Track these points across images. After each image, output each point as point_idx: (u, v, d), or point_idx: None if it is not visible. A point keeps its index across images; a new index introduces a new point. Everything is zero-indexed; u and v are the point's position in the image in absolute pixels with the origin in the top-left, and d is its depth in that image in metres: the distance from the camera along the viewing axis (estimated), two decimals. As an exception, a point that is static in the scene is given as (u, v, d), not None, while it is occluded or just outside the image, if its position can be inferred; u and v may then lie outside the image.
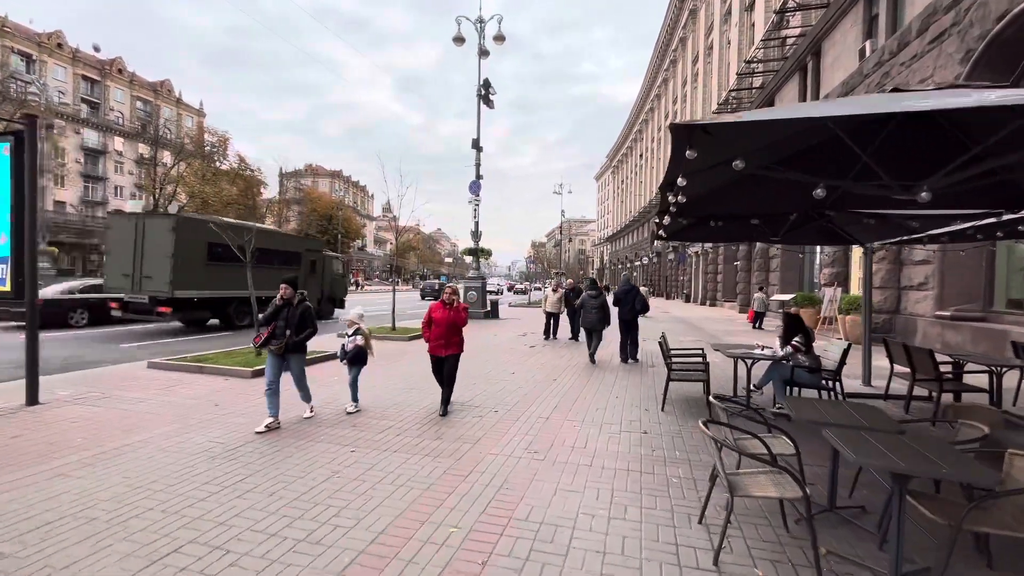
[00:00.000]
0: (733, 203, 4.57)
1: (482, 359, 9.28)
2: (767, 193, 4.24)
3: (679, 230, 6.57)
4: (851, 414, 3.27)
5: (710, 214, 5.16)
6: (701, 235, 6.84)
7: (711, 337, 13.79)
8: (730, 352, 5.72)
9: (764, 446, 3.00)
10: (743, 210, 4.90)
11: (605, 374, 8.01)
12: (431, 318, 5.42)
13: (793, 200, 4.45)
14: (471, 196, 20.10)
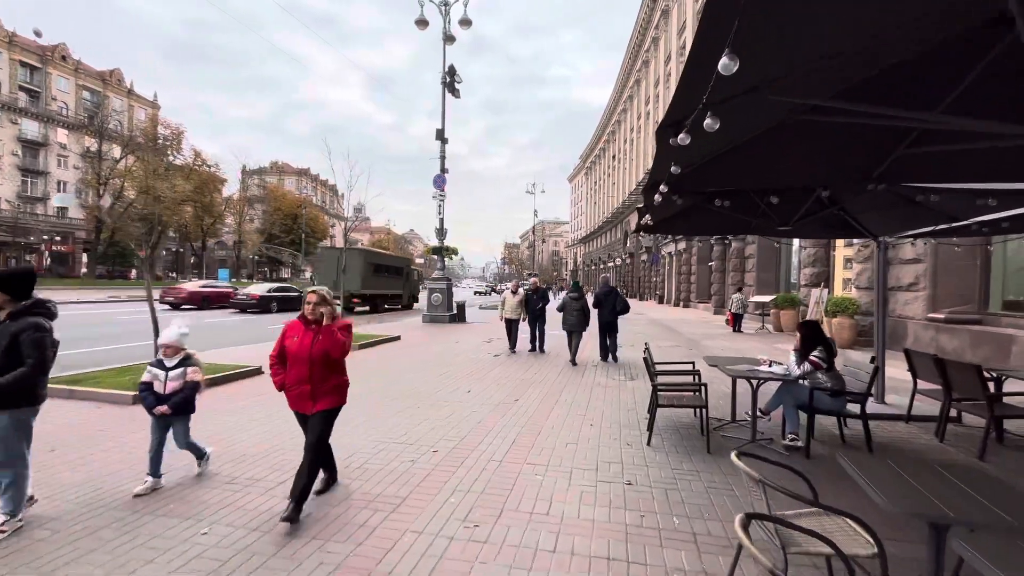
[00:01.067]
0: (746, 173, 3.43)
1: (435, 373, 7.97)
2: (793, 156, 3.12)
3: (668, 218, 5.45)
4: (962, 489, 2.10)
5: (713, 191, 4.01)
6: (694, 225, 5.76)
7: (691, 342, 12.84)
8: (732, 371, 4.60)
9: (829, 545, 1.82)
10: (756, 182, 3.77)
11: (578, 390, 6.82)
12: (283, 347, 3.28)
13: (823, 168, 3.34)
14: (435, 191, 18.74)
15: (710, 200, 4.31)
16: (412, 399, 6.12)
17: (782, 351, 11.10)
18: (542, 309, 10.60)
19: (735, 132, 2.71)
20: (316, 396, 3.17)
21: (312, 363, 3.14)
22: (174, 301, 21.93)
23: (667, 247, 36.45)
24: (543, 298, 10.68)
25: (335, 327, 3.21)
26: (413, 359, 9.36)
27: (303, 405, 3.21)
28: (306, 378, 3.16)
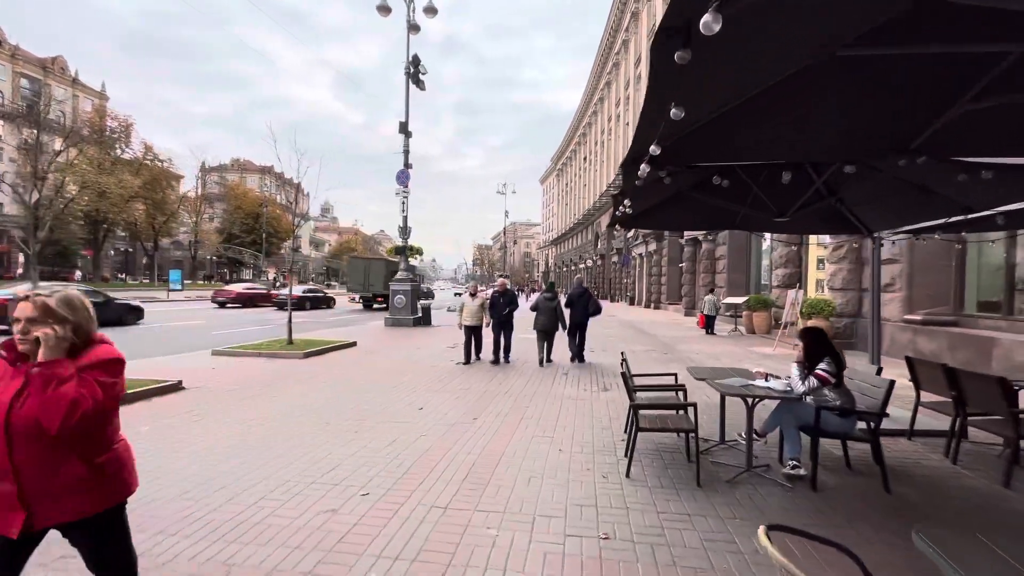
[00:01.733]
0: (752, 141, 2.74)
1: (388, 386, 7.08)
2: (815, 117, 2.44)
3: (648, 209, 4.77)
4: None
5: (708, 166, 3.32)
6: (674, 218, 5.10)
7: (665, 345, 12.32)
8: (724, 387, 3.90)
9: None
10: (763, 153, 3.08)
11: (546, 404, 6.07)
12: None
13: (849, 136, 2.68)
14: (398, 187, 17.74)
15: (702, 181, 3.62)
16: (353, 419, 5.23)
17: (758, 355, 10.68)
18: (509, 314, 9.36)
19: (747, 78, 2.01)
20: (35, 501, 1.57)
21: (12, 440, 1.54)
22: (223, 300, 27.30)
23: (638, 248, 36.36)
24: (511, 302, 9.39)
25: (72, 368, 1.59)
26: (366, 369, 8.43)
27: (8, 524, 1.56)
28: (6, 470, 1.55)
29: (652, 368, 8.70)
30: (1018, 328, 8.32)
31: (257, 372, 7.91)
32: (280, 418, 5.24)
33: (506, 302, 9.37)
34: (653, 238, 31.72)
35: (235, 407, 5.71)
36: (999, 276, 8.97)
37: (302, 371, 8.07)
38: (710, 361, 9.72)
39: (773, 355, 10.80)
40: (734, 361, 9.81)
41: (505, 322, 9.34)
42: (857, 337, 11.47)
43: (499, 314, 9.35)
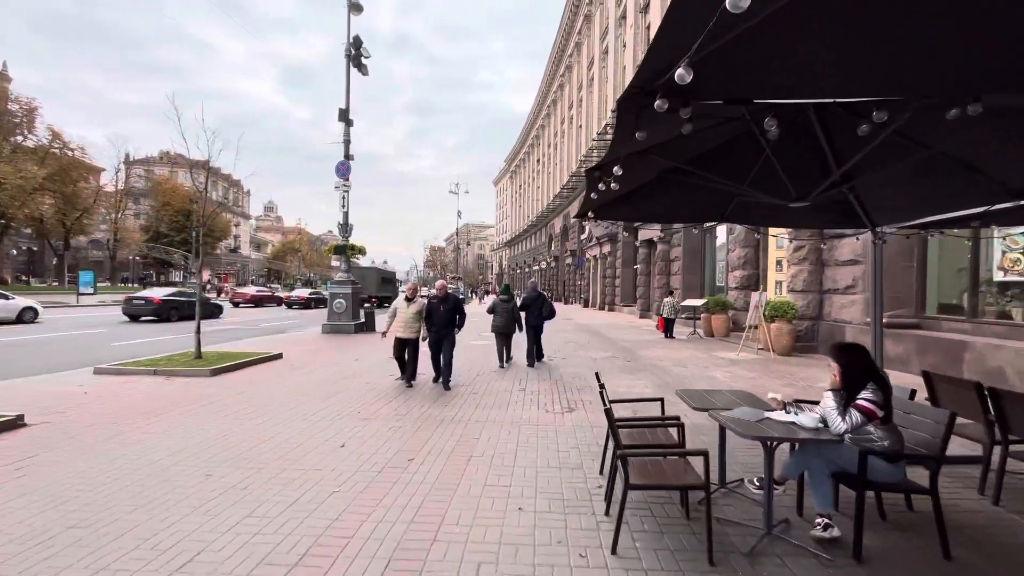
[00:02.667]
0: (810, 64, 1.79)
1: (307, 412, 5.79)
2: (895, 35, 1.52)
3: (628, 195, 3.82)
4: None
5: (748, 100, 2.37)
6: (659, 205, 4.19)
7: (626, 352, 11.59)
8: (736, 423, 2.93)
9: None
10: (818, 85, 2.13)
11: (501, 433, 5.00)
12: None
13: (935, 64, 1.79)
14: (338, 180, 16.16)
15: (701, 156, 2.66)
16: (247, 467, 3.95)
17: (724, 360, 10.11)
18: (449, 326, 7.33)
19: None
20: None
21: None
22: (240, 301, 33.78)
23: (592, 250, 36.13)
24: (455, 308, 7.42)
25: None
26: (285, 390, 7.04)
27: None
28: None
29: (619, 380, 7.84)
30: (982, 331, 8.14)
31: (142, 396, 6.36)
32: (143, 469, 3.88)
33: (447, 309, 7.31)
34: (608, 239, 31.49)
35: (85, 452, 4.26)
36: (961, 277, 8.81)
37: (202, 394, 6.59)
38: (677, 369, 9.01)
39: (738, 359, 10.29)
40: (700, 368, 9.17)
41: (444, 336, 7.28)
42: (818, 341, 11.20)
43: (438, 324, 7.25)
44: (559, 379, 7.97)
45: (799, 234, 11.35)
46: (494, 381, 7.77)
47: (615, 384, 7.54)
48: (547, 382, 7.74)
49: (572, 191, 45.28)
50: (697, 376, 8.32)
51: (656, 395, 6.68)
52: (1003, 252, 7.93)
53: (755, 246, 14.16)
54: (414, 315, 7.24)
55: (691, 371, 8.84)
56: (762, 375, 8.47)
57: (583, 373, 8.50)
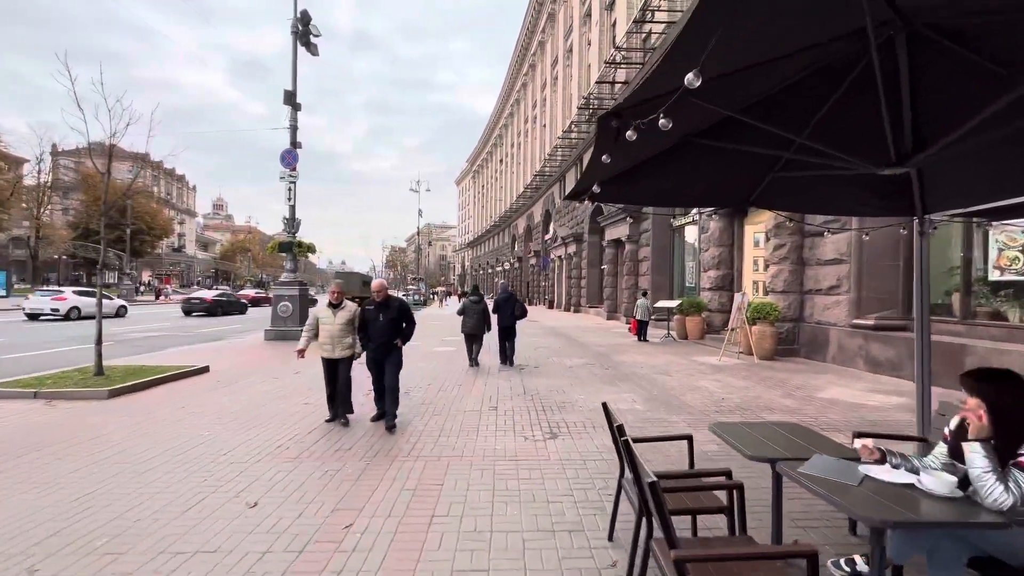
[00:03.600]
0: None
1: (217, 452, 4.52)
2: None
3: (633, 170, 2.86)
4: None
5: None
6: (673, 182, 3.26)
7: (601, 357, 10.73)
8: (832, 489, 1.97)
9: None
10: None
11: (471, 475, 3.94)
12: None
13: None
14: (283, 170, 14.57)
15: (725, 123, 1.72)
16: (103, 551, 2.71)
17: (707, 366, 9.38)
18: (389, 340, 5.25)
19: None
20: None
21: None
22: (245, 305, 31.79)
23: (557, 251, 35.49)
24: (400, 316, 5.34)
25: None
26: (199, 415, 5.69)
27: None
28: None
29: (600, 393, 6.91)
30: (977, 333, 7.74)
31: (39, 428, 4.89)
32: None
33: (389, 319, 5.24)
34: (573, 240, 30.90)
35: None
36: (952, 276, 8.44)
37: (85, 425, 5.16)
38: (660, 377, 8.19)
39: (721, 365, 9.62)
40: (685, 376, 8.40)
41: (387, 354, 5.24)
42: (800, 343, 10.72)
43: (376, 341, 5.22)
44: (535, 394, 6.95)
45: (779, 232, 10.85)
46: (460, 398, 6.67)
47: (597, 398, 6.59)
48: (521, 398, 6.70)
49: (536, 191, 44.60)
50: (685, 386, 7.51)
51: (648, 411, 5.83)
52: (999, 250, 7.55)
53: (730, 245, 13.68)
54: (343, 327, 5.25)
55: (677, 380, 8.04)
56: (754, 383, 7.76)
57: (560, 386, 7.53)
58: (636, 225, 20.99)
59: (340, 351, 5.30)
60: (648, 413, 5.87)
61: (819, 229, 10.08)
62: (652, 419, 5.61)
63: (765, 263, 11.87)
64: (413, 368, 8.98)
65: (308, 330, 5.38)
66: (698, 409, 6.07)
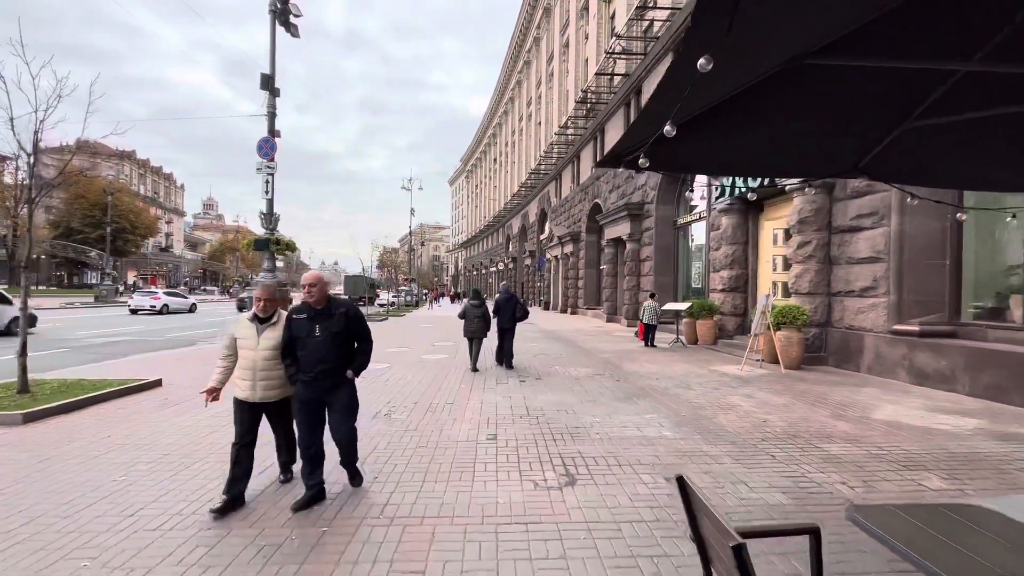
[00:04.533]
0: None
1: (137, 500, 3.41)
2: None
3: (697, 118, 1.76)
4: None
5: None
6: (747, 143, 2.17)
7: (608, 366, 9.67)
8: None
9: None
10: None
11: (467, 549, 2.86)
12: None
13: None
14: (261, 160, 13.38)
15: None
16: None
17: (728, 377, 8.28)
18: (339, 357, 3.44)
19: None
20: None
21: None
22: None
23: (553, 250, 34.45)
24: (350, 329, 3.47)
25: None
26: (126, 447, 4.55)
27: None
28: None
29: (618, 415, 5.83)
30: (1046, 341, 6.77)
31: None
32: None
33: (328, 335, 3.37)
34: (570, 239, 29.88)
35: None
36: (1009, 276, 7.47)
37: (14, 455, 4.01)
38: (682, 392, 7.12)
39: (744, 375, 8.59)
40: (710, 390, 7.35)
41: (333, 390, 3.44)
42: (828, 350, 9.72)
43: (316, 369, 3.36)
44: (540, 415, 5.86)
45: (803, 227, 9.86)
46: (452, 421, 5.57)
47: (615, 421, 5.53)
48: (525, 420, 5.61)
49: (531, 190, 43.59)
50: (713, 404, 6.46)
51: (681, 440, 4.50)
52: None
53: (744, 243, 12.69)
54: (271, 352, 3.43)
55: (702, 396, 6.99)
56: (792, 400, 6.72)
57: (569, 404, 6.45)
58: (638, 223, 19.99)
59: (265, 390, 3.40)
60: (681, 442, 4.80)
61: (850, 225, 9.11)
62: (688, 451, 4.54)
63: (787, 262, 10.88)
64: (398, 381, 7.86)
65: (225, 357, 3.51)
66: (740, 436, 5.02)
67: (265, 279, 13.30)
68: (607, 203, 23.70)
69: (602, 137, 26.00)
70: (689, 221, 17.43)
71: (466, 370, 9.04)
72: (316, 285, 3.38)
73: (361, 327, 3.55)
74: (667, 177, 17.90)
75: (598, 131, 26.30)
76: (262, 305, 3.48)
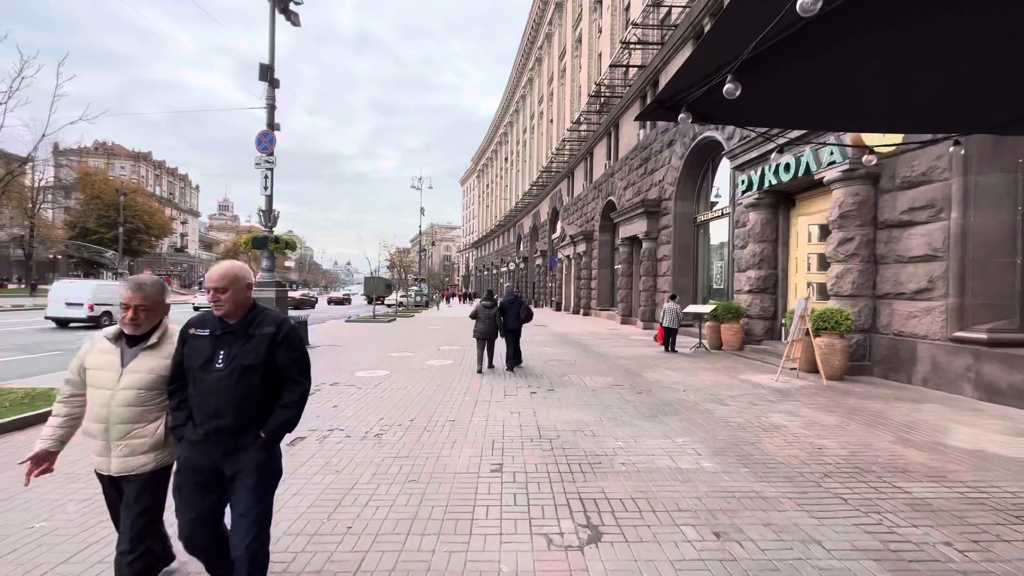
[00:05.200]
0: None
1: (32, 568, 2.65)
2: None
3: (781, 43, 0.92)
4: None
5: None
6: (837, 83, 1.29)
7: (627, 374, 8.82)
8: None
9: None
10: None
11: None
12: None
13: None
14: (260, 155, 12.77)
15: None
16: None
17: (764, 390, 7.35)
18: (236, 395, 2.07)
19: None
20: None
21: None
22: None
23: (564, 250, 33.56)
24: (277, 351, 2.15)
25: None
26: (72, 476, 3.84)
27: None
28: None
29: (644, 438, 4.99)
30: None
31: None
32: None
33: (236, 369, 2.08)
34: (582, 238, 28.99)
35: None
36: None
37: None
38: (714, 407, 6.25)
39: (780, 386, 7.69)
40: (746, 406, 6.47)
41: (230, 454, 2.11)
42: (873, 359, 8.76)
43: (206, 420, 2.08)
44: (554, 437, 5.05)
45: (845, 222, 8.91)
46: (452, 444, 4.78)
47: (642, 447, 4.70)
48: (535, 445, 4.80)
49: (542, 188, 42.77)
50: (754, 424, 5.59)
51: (723, 473, 3.52)
52: None
53: (774, 240, 11.73)
54: (140, 395, 2.19)
55: (738, 413, 6.12)
56: (844, 419, 5.83)
57: (586, 422, 5.63)
58: (654, 221, 19.06)
59: (126, 456, 2.18)
60: (725, 478, 3.96)
61: (901, 219, 8.15)
62: (737, 491, 3.70)
63: (823, 261, 9.92)
64: (396, 392, 7.11)
65: (67, 399, 2.28)
66: (795, 469, 4.16)
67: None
68: (621, 200, 22.79)
69: (616, 132, 25.08)
70: (710, 218, 16.47)
71: (472, 379, 8.27)
72: (226, 288, 2.08)
73: (293, 359, 2.18)
74: (687, 172, 16.97)
75: (612, 126, 25.38)
76: (131, 315, 2.16)
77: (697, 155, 16.36)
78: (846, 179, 8.77)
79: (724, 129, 13.95)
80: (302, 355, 2.24)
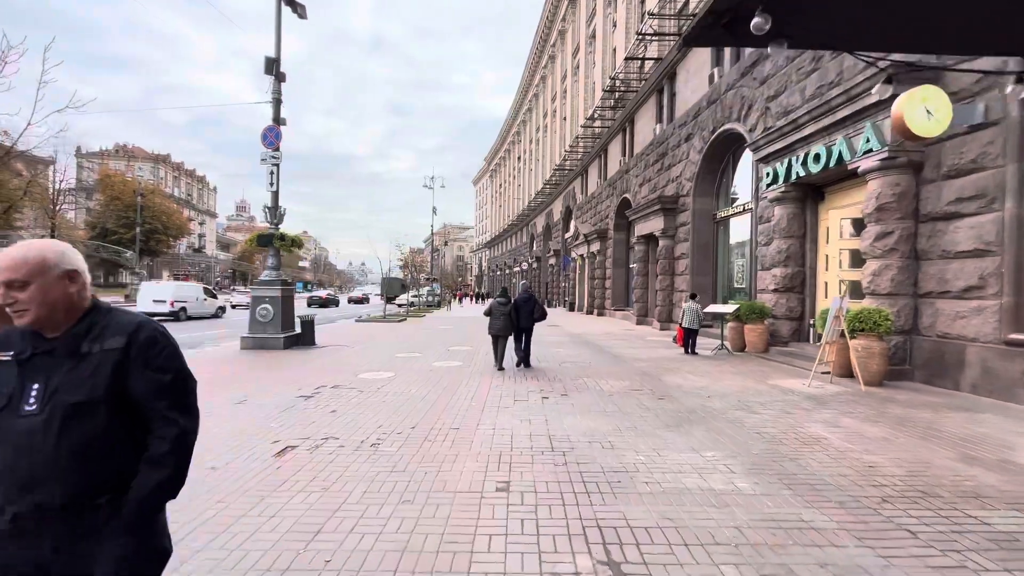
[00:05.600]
0: None
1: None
2: None
3: None
4: None
5: None
6: None
7: (645, 377, 8.28)
8: None
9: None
10: None
11: None
12: None
13: None
14: (265, 150, 12.49)
15: None
16: None
17: (797, 396, 6.73)
18: (59, 467, 1.28)
19: None
20: None
21: None
22: None
23: (578, 249, 32.96)
24: (138, 375, 1.38)
25: None
26: None
27: None
28: None
29: (669, 452, 4.47)
30: None
31: None
32: None
33: (60, 412, 1.28)
34: (596, 236, 28.38)
35: None
36: None
37: None
38: (743, 416, 5.69)
39: (815, 394, 7.07)
40: (779, 414, 5.90)
41: (75, 544, 1.30)
42: (913, 363, 8.09)
43: (13, 494, 1.27)
44: (567, 449, 4.55)
45: (883, 216, 8.25)
46: (455, 456, 4.32)
47: (665, 462, 4.18)
48: (547, 458, 4.31)
49: (556, 187, 42.21)
50: (792, 437, 5.03)
51: (764, 497, 2.99)
52: None
53: (801, 236, 11.06)
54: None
55: (771, 423, 5.55)
56: (892, 431, 5.23)
57: (603, 432, 5.12)
58: (671, 218, 18.41)
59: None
60: (766, 502, 3.43)
61: (946, 211, 7.48)
62: (783, 520, 3.17)
63: (856, 257, 9.26)
64: (399, 396, 6.67)
65: None
66: (846, 492, 3.61)
67: (268, 277, 12.23)
68: (637, 197, 22.15)
69: (631, 128, 24.43)
70: (731, 214, 15.80)
71: (480, 381, 7.83)
72: (25, 282, 1.29)
73: (159, 385, 1.40)
74: (706, 166, 16.30)
75: (627, 122, 24.74)
76: None
77: (717, 148, 15.68)
78: (885, 168, 8.11)
79: (746, 120, 13.28)
80: (175, 376, 1.43)
